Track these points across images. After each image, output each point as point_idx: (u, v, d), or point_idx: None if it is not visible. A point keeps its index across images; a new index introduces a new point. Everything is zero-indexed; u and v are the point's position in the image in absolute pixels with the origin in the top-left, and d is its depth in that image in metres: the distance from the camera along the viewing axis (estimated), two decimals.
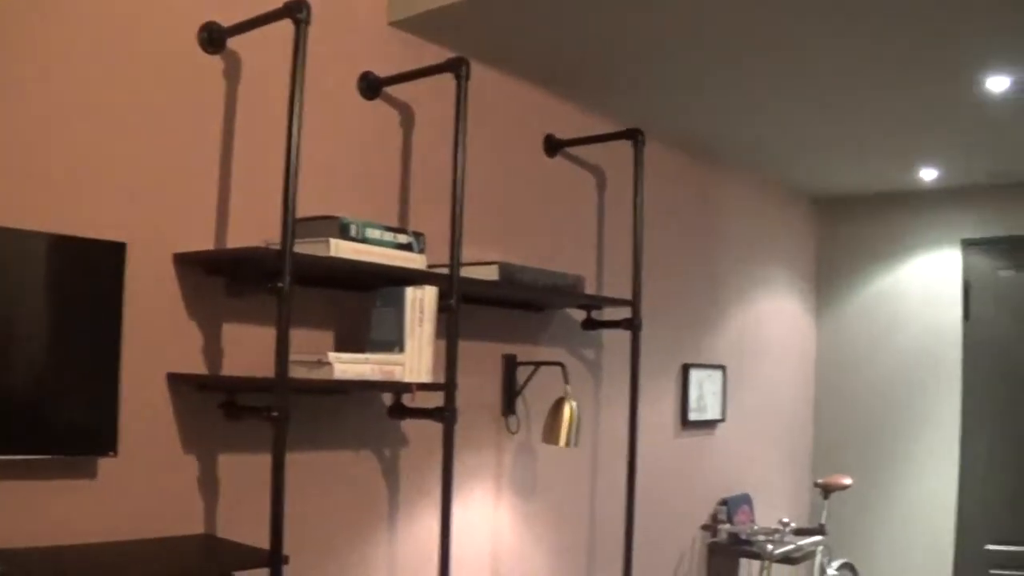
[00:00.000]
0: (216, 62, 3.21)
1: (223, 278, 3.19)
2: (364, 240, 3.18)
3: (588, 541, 4.86)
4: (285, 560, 2.85)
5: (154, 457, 3.04)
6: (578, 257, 4.71)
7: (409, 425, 3.86)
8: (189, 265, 3.09)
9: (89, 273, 2.81)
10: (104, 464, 2.91)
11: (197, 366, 3.15)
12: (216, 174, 3.22)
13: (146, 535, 3.02)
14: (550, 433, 4.21)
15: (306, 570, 3.47)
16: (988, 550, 6.44)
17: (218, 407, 3.15)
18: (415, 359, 3.32)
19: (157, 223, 3.04)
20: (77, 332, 2.78)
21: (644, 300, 4.57)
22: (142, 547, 2.94)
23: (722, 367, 5.87)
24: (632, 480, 4.49)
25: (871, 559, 6.80)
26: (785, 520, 5.49)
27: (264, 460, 2.86)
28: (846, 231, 7.08)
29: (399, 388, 3.39)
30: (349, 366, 3.11)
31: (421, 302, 3.35)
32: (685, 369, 5.55)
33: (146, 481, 3.02)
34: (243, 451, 3.27)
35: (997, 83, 4.27)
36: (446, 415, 3.34)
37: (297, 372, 3.07)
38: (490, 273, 3.71)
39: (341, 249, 3.09)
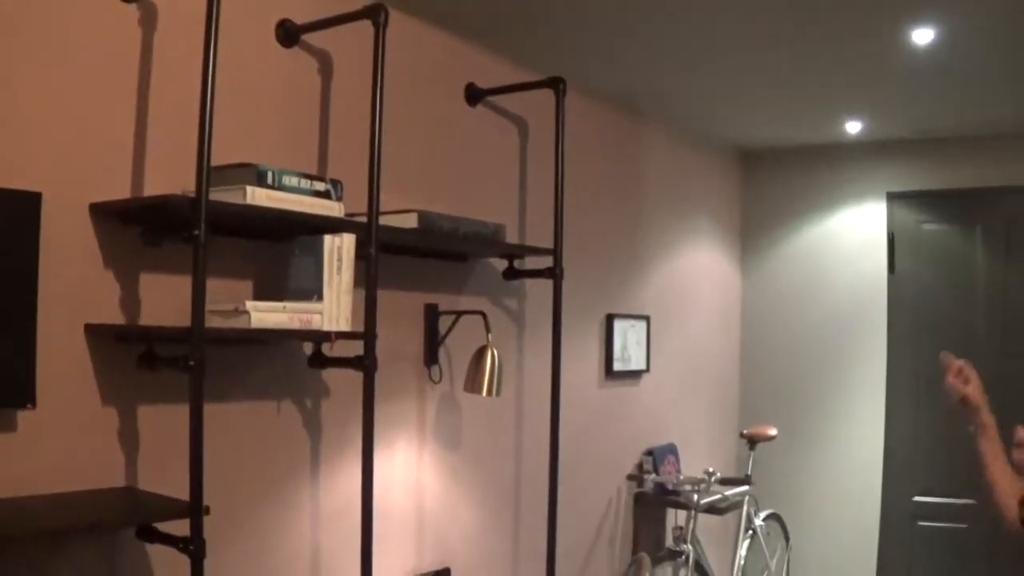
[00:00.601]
0: (132, 10, 3.16)
1: (139, 228, 3.14)
2: (281, 188, 3.15)
3: (514, 491, 4.89)
4: (206, 511, 2.84)
5: (73, 409, 3.01)
6: (500, 207, 4.70)
7: (330, 375, 3.85)
8: (105, 215, 3.05)
9: (3, 223, 2.76)
10: (23, 417, 2.87)
11: (115, 317, 3.11)
12: (132, 123, 3.17)
13: (67, 488, 2.99)
14: (473, 382, 4.22)
15: (229, 521, 3.46)
16: (916, 502, 6.55)
17: (137, 358, 3.12)
18: (334, 308, 3.31)
19: (73, 173, 2.99)
20: None
21: (566, 250, 4.58)
22: (63, 500, 2.91)
23: (646, 317, 5.90)
24: (555, 430, 4.51)
25: (798, 510, 6.89)
26: (711, 470, 5.53)
27: (184, 411, 2.84)
28: (771, 183, 7.12)
29: (318, 337, 3.38)
30: (266, 315, 3.10)
31: (339, 250, 3.34)
32: (609, 319, 5.57)
33: (65, 434, 2.99)
34: (163, 403, 3.25)
35: (922, 35, 4.30)
36: (366, 363, 3.34)
37: (214, 321, 3.05)
38: (409, 221, 3.71)
39: (257, 197, 3.07)
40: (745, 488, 6.15)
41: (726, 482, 5.66)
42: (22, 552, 2.90)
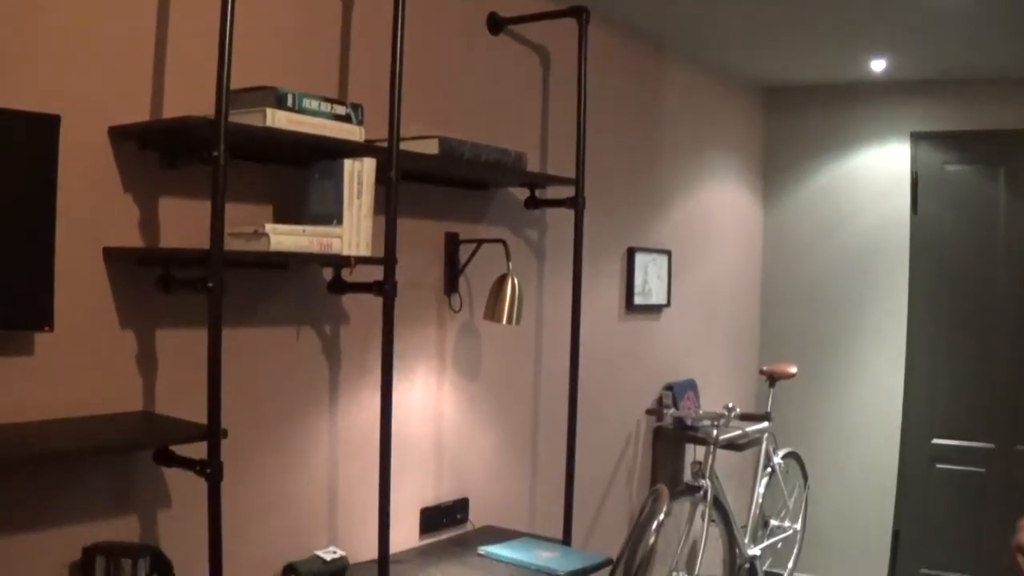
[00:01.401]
0: None
1: (159, 152, 3.12)
2: (301, 111, 3.12)
3: (533, 422, 4.89)
4: (223, 434, 2.85)
5: (92, 333, 3.01)
6: (521, 137, 4.65)
7: (350, 302, 3.84)
8: (124, 138, 3.03)
9: (22, 146, 2.74)
10: (41, 340, 2.87)
11: (134, 241, 3.10)
12: (152, 46, 3.14)
13: (85, 412, 3.00)
14: (492, 310, 4.20)
15: (246, 447, 3.47)
16: (934, 444, 6.54)
17: (155, 282, 3.11)
18: (353, 232, 3.29)
19: (92, 96, 2.96)
20: (10, 206, 2.71)
21: (588, 182, 4.55)
22: (80, 424, 2.92)
23: (667, 252, 5.87)
24: (575, 361, 4.51)
25: (817, 450, 6.89)
26: (730, 405, 5.52)
27: (202, 336, 2.84)
28: (795, 122, 7.06)
29: (337, 261, 3.36)
30: (286, 237, 3.08)
31: (359, 174, 3.31)
32: (630, 253, 5.54)
33: (84, 358, 2.99)
34: (181, 327, 3.24)
35: None
36: (386, 288, 3.33)
37: (234, 244, 3.04)
38: (430, 147, 3.67)
39: (277, 119, 3.04)
40: (764, 425, 6.15)
41: (745, 418, 5.65)
42: (39, 475, 2.91)
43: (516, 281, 4.18)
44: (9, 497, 2.84)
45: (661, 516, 3.68)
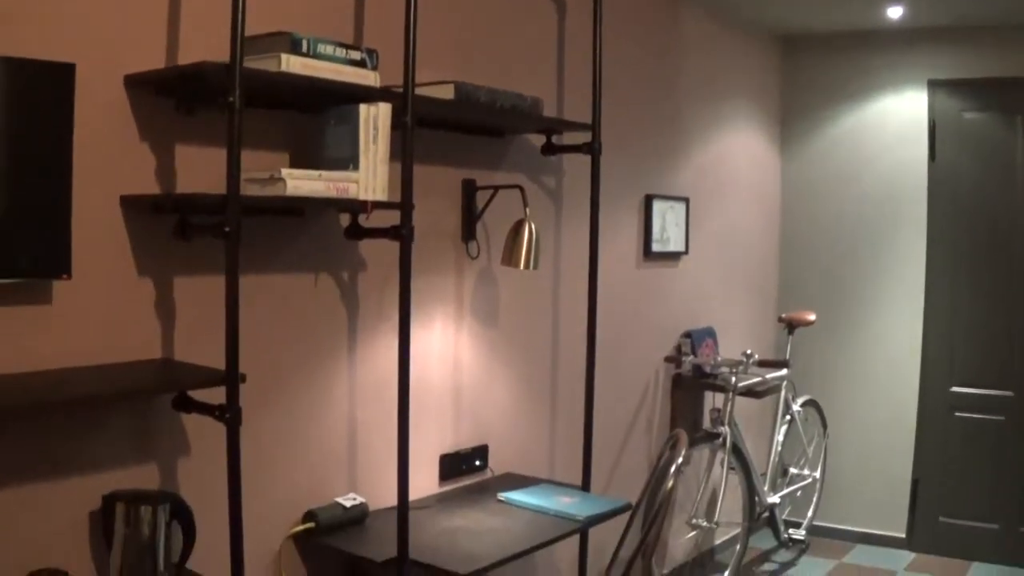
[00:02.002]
0: None
1: (174, 99, 3.11)
2: (316, 56, 3.10)
3: (551, 369, 4.89)
4: (242, 379, 2.85)
5: (109, 281, 3.01)
6: (537, 83, 4.62)
7: (367, 249, 3.84)
8: (140, 86, 3.02)
9: (37, 95, 2.73)
10: (59, 289, 2.88)
11: (150, 188, 3.09)
12: None
13: (104, 360, 3.01)
14: (510, 256, 4.19)
15: (265, 393, 3.49)
16: (953, 392, 6.52)
17: (172, 229, 3.11)
18: (369, 177, 3.27)
19: (107, 43, 2.95)
20: (27, 155, 2.71)
21: (605, 129, 4.54)
22: (99, 372, 2.93)
23: (685, 199, 5.84)
24: (593, 307, 4.50)
25: (835, 398, 6.88)
26: (749, 352, 5.52)
27: (220, 283, 2.84)
28: (812, 69, 7.01)
29: (354, 207, 3.35)
30: (302, 182, 3.07)
31: (375, 119, 3.29)
32: (648, 200, 5.52)
33: (102, 306, 3.00)
34: (199, 274, 3.25)
35: None
36: (402, 233, 3.31)
37: (250, 190, 3.04)
38: (446, 92, 3.65)
39: (292, 64, 3.02)
40: (783, 372, 6.14)
41: (764, 364, 5.64)
42: (58, 423, 2.92)
43: (533, 226, 4.17)
44: (29, 446, 2.85)
45: (680, 460, 3.68)
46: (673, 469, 3.62)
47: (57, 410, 2.91)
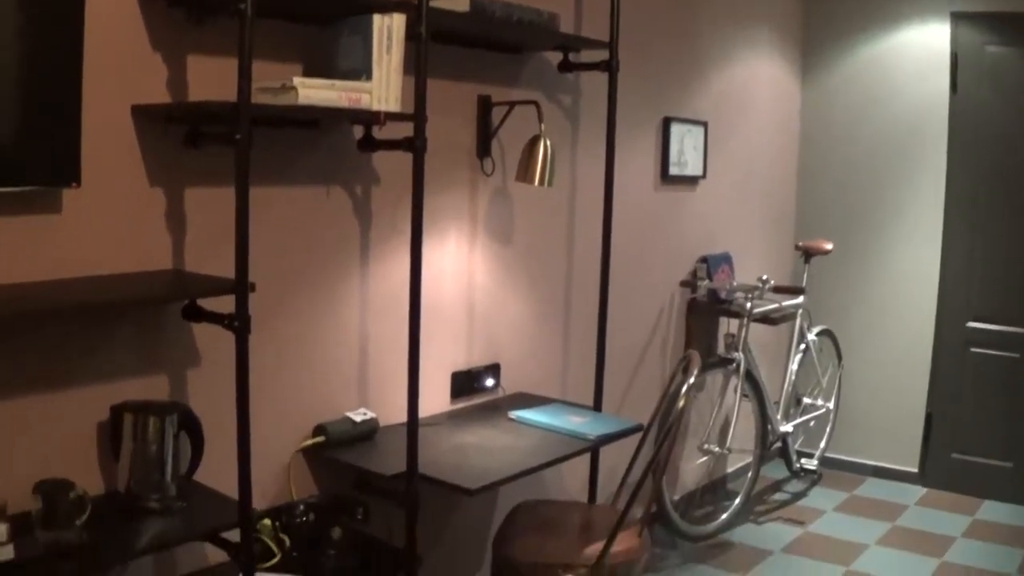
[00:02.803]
0: None
1: (185, 7, 3.06)
2: None
3: (565, 290, 4.86)
4: (252, 288, 2.82)
5: (120, 191, 2.99)
6: (555, 0, 4.57)
7: (381, 163, 3.80)
8: None
9: (48, 4, 2.68)
10: (68, 197, 2.86)
11: (162, 98, 3.06)
12: None
13: (114, 270, 3.00)
14: (525, 171, 4.15)
15: (275, 305, 3.48)
16: (969, 327, 6.48)
17: (183, 138, 3.09)
18: (383, 87, 3.23)
19: None
20: (37, 64, 2.67)
21: (623, 49, 4.49)
22: (109, 281, 2.91)
23: (704, 123, 5.79)
24: (608, 229, 4.47)
25: (851, 329, 6.85)
26: (764, 277, 5.49)
27: (231, 194, 2.79)
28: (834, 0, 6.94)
29: (367, 117, 3.30)
30: (314, 91, 3.03)
31: (388, 30, 3.24)
32: (666, 123, 5.46)
33: (112, 215, 2.98)
34: (211, 185, 3.22)
35: None
36: (416, 144, 3.28)
37: (261, 98, 3.00)
38: (461, 5, 3.59)
39: None
40: (799, 300, 6.12)
41: (780, 290, 5.62)
42: (67, 333, 2.92)
43: (548, 142, 4.12)
44: (37, 355, 2.85)
45: (692, 380, 3.65)
46: (685, 389, 3.59)
47: (66, 319, 2.90)
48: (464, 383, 4.32)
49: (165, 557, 3.28)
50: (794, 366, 6.29)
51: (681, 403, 3.56)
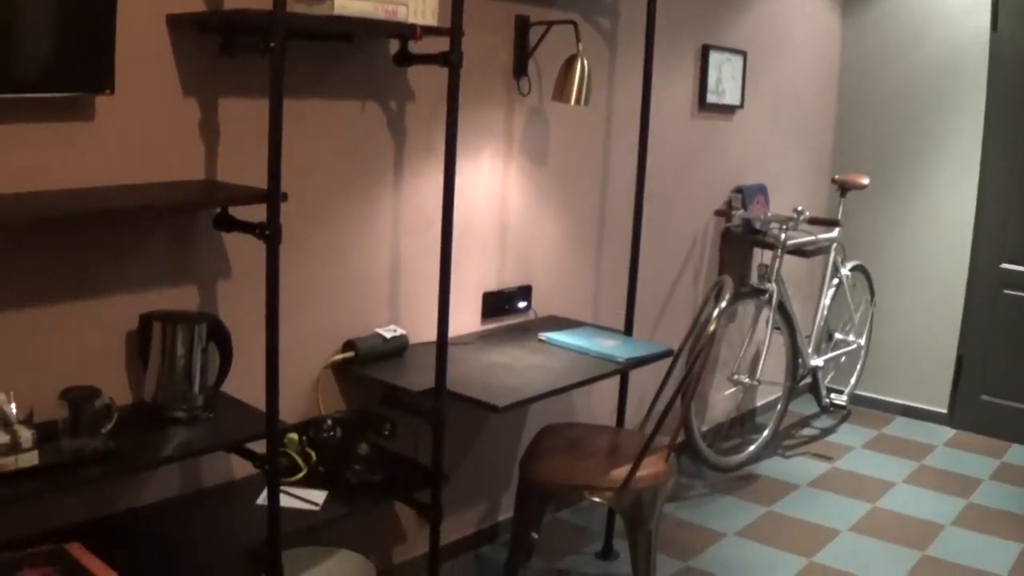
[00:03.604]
0: None
1: None
2: None
3: (599, 213, 4.84)
4: (284, 197, 2.81)
5: (153, 99, 2.98)
6: None
7: (416, 79, 3.78)
8: None
9: None
10: (102, 105, 2.85)
11: (196, 7, 3.04)
12: None
13: (146, 179, 2.99)
14: (561, 90, 4.11)
15: (307, 217, 3.48)
16: (1002, 269, 6.41)
17: (217, 48, 3.07)
18: (419, 1, 3.20)
19: None
20: None
21: None
22: (142, 189, 2.91)
23: (743, 53, 5.71)
24: (644, 153, 4.43)
25: (884, 266, 6.79)
26: (800, 208, 5.43)
27: (265, 106, 2.76)
28: None
29: (403, 30, 3.26)
30: (350, 2, 2.98)
31: None
32: (704, 50, 5.39)
33: (145, 124, 2.97)
34: (244, 96, 3.21)
35: None
36: (451, 59, 3.24)
37: (297, 8, 2.96)
38: None
39: None
40: (834, 234, 6.08)
41: (815, 222, 5.56)
42: (99, 240, 2.92)
43: (586, 62, 4.08)
44: (67, 262, 2.86)
45: (724, 304, 3.63)
46: (717, 312, 3.57)
47: (97, 225, 2.90)
48: (495, 304, 4.32)
49: (190, 469, 3.30)
50: (826, 300, 6.25)
51: (712, 327, 3.54)
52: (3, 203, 2.53)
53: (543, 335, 4.12)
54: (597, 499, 3.70)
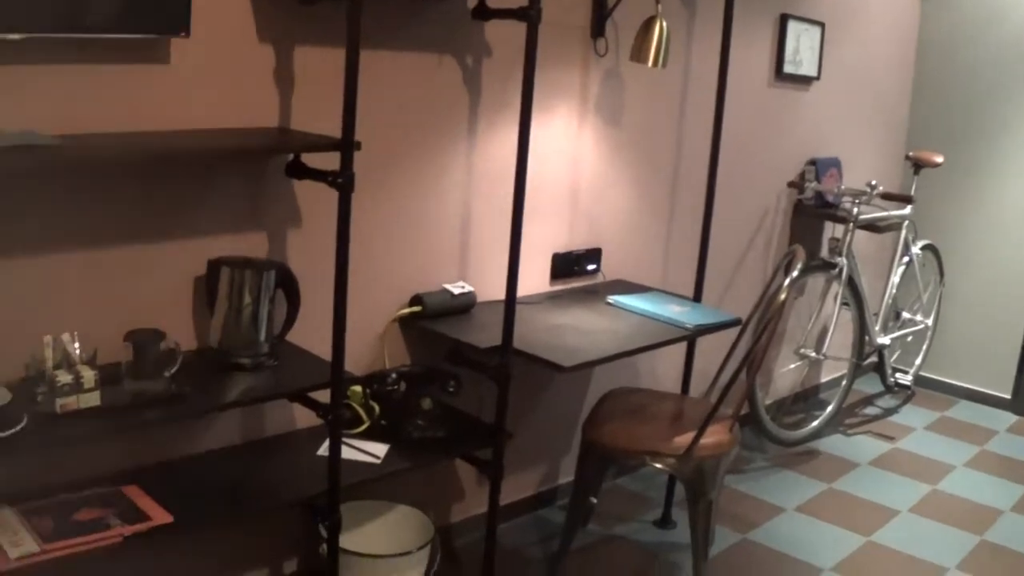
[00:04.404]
0: None
1: None
2: None
3: (672, 178, 4.79)
4: (357, 146, 2.79)
5: (229, 44, 2.97)
6: None
7: (493, 34, 3.75)
8: None
9: None
10: (177, 48, 2.85)
11: None
12: None
13: (219, 125, 2.99)
14: (639, 52, 4.05)
15: (381, 170, 3.48)
16: None
17: None
18: None
19: None
20: None
21: None
22: (216, 134, 2.91)
23: (821, 24, 5.62)
24: (719, 119, 4.38)
25: (955, 248, 6.69)
26: (873, 183, 5.36)
27: (341, 55, 2.74)
28: None
29: None
30: None
31: None
32: (783, 19, 5.30)
33: (220, 69, 2.96)
34: (320, 44, 3.19)
35: None
36: (530, 14, 3.21)
37: None
38: None
39: None
40: (906, 211, 5.99)
41: (888, 197, 5.48)
42: (169, 183, 2.93)
43: (665, 23, 4.02)
44: (138, 205, 2.87)
45: (795, 273, 3.58)
46: (788, 282, 3.52)
47: (169, 168, 2.90)
48: (564, 265, 4.29)
49: (252, 417, 3.30)
50: (896, 278, 6.17)
51: (782, 296, 3.50)
52: (78, 142, 2.52)
53: (611, 298, 4.09)
54: (659, 466, 3.67)
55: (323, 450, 3.19)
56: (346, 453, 3.11)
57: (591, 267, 4.41)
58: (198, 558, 3.25)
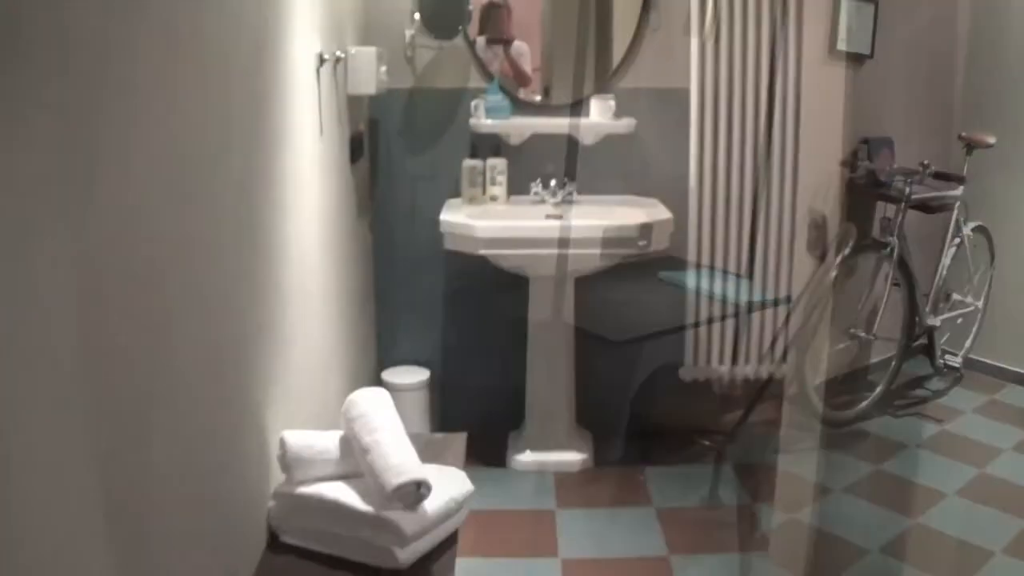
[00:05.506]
0: None
1: None
2: None
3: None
4: None
5: None
6: None
7: None
8: None
9: None
10: None
11: None
12: None
13: None
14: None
15: None
16: None
17: None
18: None
19: None
20: None
21: None
22: None
23: (875, 1, 5.59)
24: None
25: (1006, 229, 6.62)
26: (926, 162, 5.32)
27: None
28: None
29: None
30: None
31: None
32: None
33: None
34: None
35: None
36: None
37: None
38: None
39: None
40: (958, 191, 5.95)
41: (940, 176, 5.46)
42: None
43: None
44: None
45: (848, 251, 3.57)
46: (840, 259, 3.51)
47: None
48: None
49: None
50: (947, 259, 6.12)
51: (833, 274, 3.48)
52: None
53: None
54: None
55: None
56: None
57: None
58: None
